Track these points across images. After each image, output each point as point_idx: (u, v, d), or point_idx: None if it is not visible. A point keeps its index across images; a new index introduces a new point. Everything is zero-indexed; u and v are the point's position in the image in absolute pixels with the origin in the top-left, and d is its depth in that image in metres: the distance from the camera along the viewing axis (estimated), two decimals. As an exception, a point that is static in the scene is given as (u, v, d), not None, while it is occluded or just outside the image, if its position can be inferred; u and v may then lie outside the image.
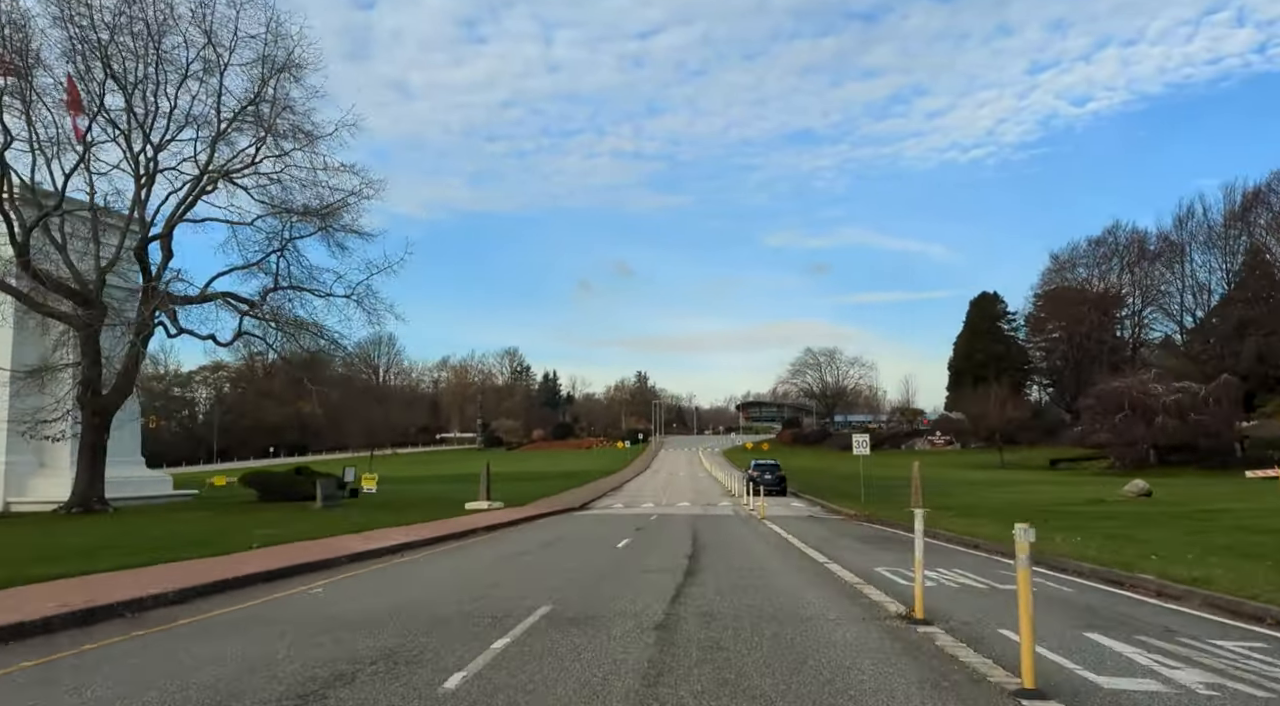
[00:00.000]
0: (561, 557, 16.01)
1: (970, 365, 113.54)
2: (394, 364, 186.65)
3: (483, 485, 37.73)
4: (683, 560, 15.21)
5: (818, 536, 21.41)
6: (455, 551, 17.72)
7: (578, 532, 23.32)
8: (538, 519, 29.97)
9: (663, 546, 18.54)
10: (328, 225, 41.52)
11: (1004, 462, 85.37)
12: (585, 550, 17.70)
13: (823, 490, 48.01)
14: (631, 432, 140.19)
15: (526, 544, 19.58)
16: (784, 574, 13.28)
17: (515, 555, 16.65)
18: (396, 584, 12.17)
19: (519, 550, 17.84)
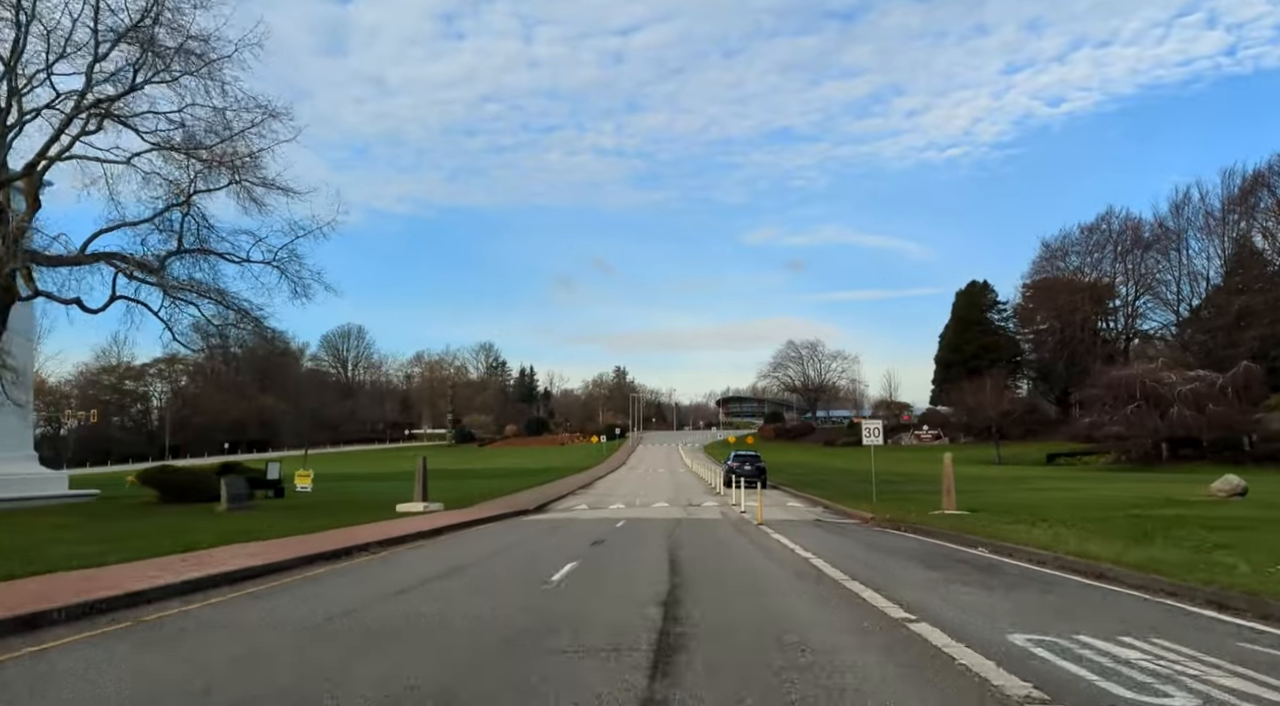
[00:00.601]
0: (443, 608, 9.32)
1: (959, 357, 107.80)
2: (363, 358, 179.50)
3: (418, 484, 31.05)
4: (651, 613, 8.64)
5: (852, 556, 14.86)
6: (278, 591, 11.01)
7: (508, 551, 16.69)
8: (474, 526, 23.33)
9: (622, 578, 11.97)
10: (241, 177, 34.71)
11: (1000, 458, 79.48)
12: (492, 590, 11.04)
13: (818, 486, 41.64)
14: (609, 428, 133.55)
15: (418, 573, 12.89)
16: (854, 658, 6.71)
17: (367, 604, 9.97)
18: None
19: (392, 588, 11.20)
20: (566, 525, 22.79)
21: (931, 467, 72.31)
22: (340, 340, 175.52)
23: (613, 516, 26.31)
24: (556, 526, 22.30)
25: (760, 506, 24.02)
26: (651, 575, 11.99)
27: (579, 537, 18.70)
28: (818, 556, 14.52)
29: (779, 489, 42.12)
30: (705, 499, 35.87)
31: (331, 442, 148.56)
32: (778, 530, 20.73)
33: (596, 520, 24.81)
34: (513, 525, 23.70)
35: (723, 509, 30.03)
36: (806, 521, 24.70)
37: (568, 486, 46.18)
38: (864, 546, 16.78)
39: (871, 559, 14.43)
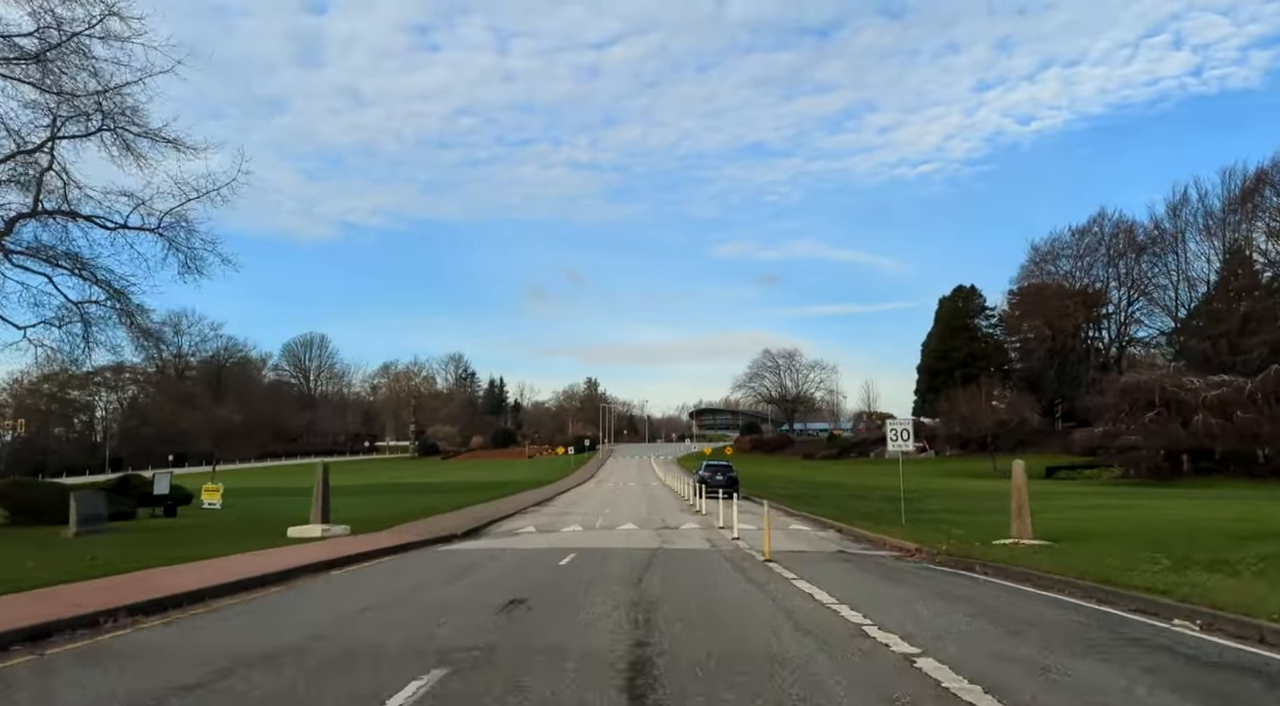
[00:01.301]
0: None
1: (946, 365, 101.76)
2: (325, 368, 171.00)
3: (317, 503, 23.91)
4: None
5: (973, 642, 7.93)
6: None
7: (352, 623, 9.60)
8: (365, 560, 16.25)
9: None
10: (115, 123, 27.64)
11: (997, 471, 73.12)
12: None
13: (815, 503, 34.85)
14: (578, 440, 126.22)
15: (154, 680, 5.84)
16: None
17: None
18: None
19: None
20: (489, 562, 15.73)
21: (932, 482, 65.88)
22: (302, 349, 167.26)
23: (563, 545, 19.27)
24: (474, 564, 15.22)
25: (768, 535, 16.92)
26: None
27: (493, 588, 11.68)
28: (908, 640, 7.62)
29: (773, 507, 35.23)
30: (684, 519, 28.88)
31: (288, 455, 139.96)
32: (798, 571, 13.85)
33: (537, 552, 17.76)
34: (417, 560, 16.60)
35: (708, 533, 23.08)
36: (827, 554, 17.84)
37: (522, 502, 39.07)
38: (967, 612, 9.85)
39: (1010, 648, 7.52)
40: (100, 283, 27.75)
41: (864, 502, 37.25)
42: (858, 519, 26.12)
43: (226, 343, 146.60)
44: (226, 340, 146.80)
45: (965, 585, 12.51)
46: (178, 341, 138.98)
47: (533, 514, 32.61)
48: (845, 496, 42.12)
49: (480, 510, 33.03)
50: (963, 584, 12.67)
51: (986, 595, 11.36)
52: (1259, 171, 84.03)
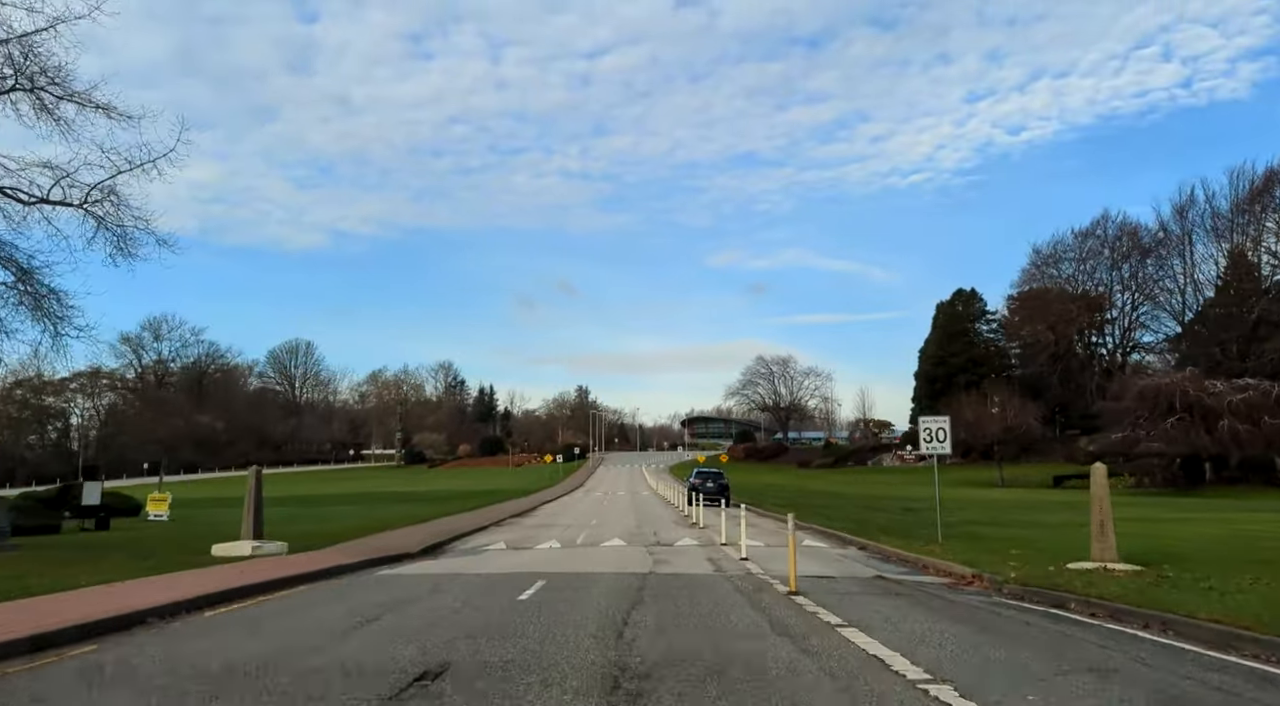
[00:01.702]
0: None
1: (945, 370, 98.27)
2: (311, 375, 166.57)
3: (248, 515, 20.07)
4: None
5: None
6: None
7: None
8: (286, 588, 12.42)
9: None
10: (34, 83, 23.77)
11: (1004, 480, 69.55)
12: None
13: (824, 516, 31.10)
14: (567, 448, 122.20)
15: None
16: None
17: None
18: None
19: None
20: (428, 595, 11.86)
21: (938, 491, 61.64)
22: (287, 356, 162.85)
23: (532, 568, 15.44)
24: (404, 599, 11.32)
25: (793, 561, 13.03)
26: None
27: (410, 641, 7.84)
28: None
29: (777, 519, 31.52)
30: (679, 533, 25.04)
31: (270, 464, 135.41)
32: (838, 610, 10.08)
33: (495, 579, 13.91)
34: (337, 591, 12.71)
35: (709, 551, 19.27)
36: (863, 582, 14.06)
37: (500, 514, 35.21)
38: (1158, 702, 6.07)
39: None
40: (6, 261, 23.85)
41: (878, 514, 33.52)
42: (879, 533, 22.37)
43: (208, 348, 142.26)
44: (208, 346, 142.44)
45: (1089, 638, 8.71)
46: (157, 346, 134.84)
47: (509, 527, 28.73)
48: (855, 507, 38.39)
49: (450, 523, 29.14)
50: (1082, 635, 8.87)
51: (1149, 660, 7.56)
52: (1269, 171, 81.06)
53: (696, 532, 24.91)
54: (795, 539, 22.82)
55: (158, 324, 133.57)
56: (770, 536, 23.18)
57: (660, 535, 23.96)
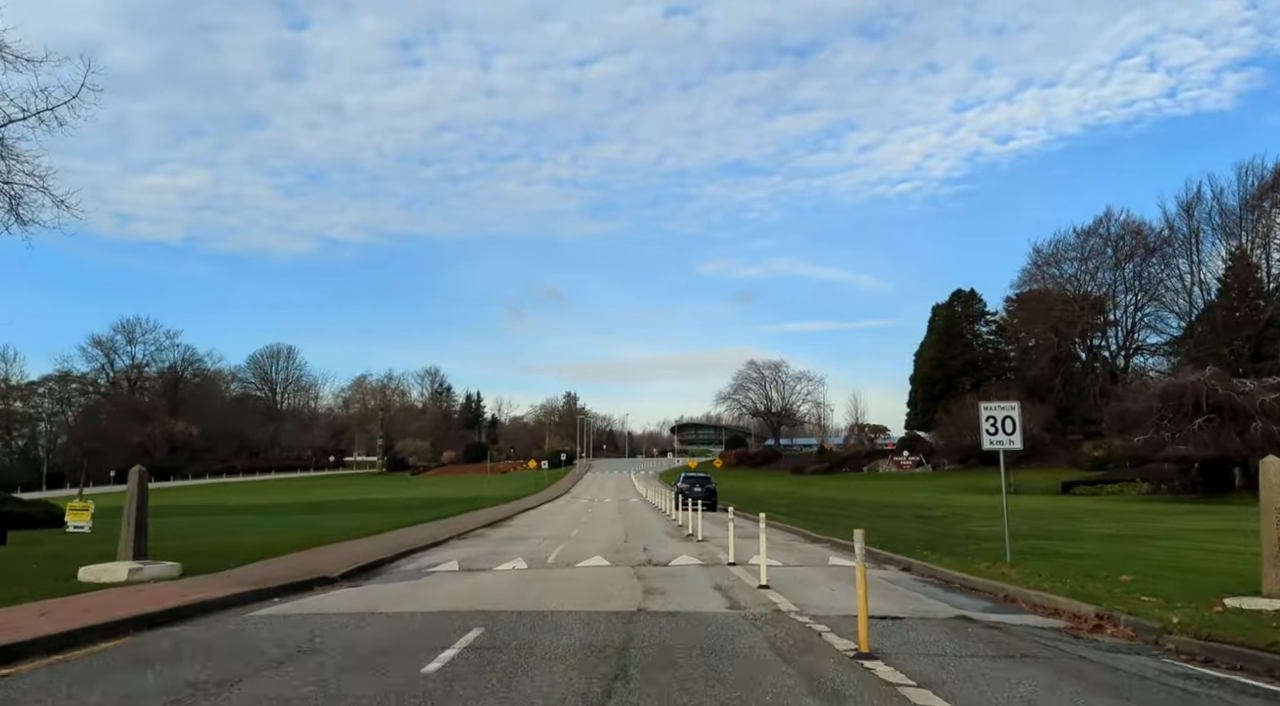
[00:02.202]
0: None
1: (944, 373, 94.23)
2: (293, 381, 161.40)
3: (126, 530, 15.65)
4: None
5: None
6: None
7: None
8: (75, 648, 8.03)
9: None
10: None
11: (1014, 487, 65.31)
12: None
13: (839, 526, 26.81)
14: (554, 454, 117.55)
15: None
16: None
17: None
18: None
19: None
20: (288, 659, 7.43)
21: (952, 499, 57.71)
22: (269, 361, 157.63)
23: (471, 606, 10.98)
24: (237, 674, 6.94)
25: (863, 611, 8.49)
26: None
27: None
28: None
29: (784, 529, 27.22)
30: (674, 549, 20.64)
31: (246, 471, 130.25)
32: (960, 700, 5.73)
33: (409, 628, 9.41)
34: (170, 647, 8.30)
35: (714, 575, 14.90)
36: (949, 625, 9.66)
37: (469, 524, 30.73)
38: None
39: None
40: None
41: (896, 523, 29.25)
42: (921, 549, 18.07)
43: (185, 352, 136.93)
44: (185, 349, 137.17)
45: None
46: (130, 350, 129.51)
47: (473, 540, 24.26)
48: (867, 515, 34.07)
49: (405, 535, 24.67)
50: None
51: None
52: (1279, 167, 77.61)
53: (695, 547, 20.52)
54: (814, 553, 18.47)
55: (131, 326, 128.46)
56: (785, 552, 18.85)
57: (652, 551, 19.57)
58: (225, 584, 13.23)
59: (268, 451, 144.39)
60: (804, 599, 11.55)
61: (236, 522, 32.57)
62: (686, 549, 20.04)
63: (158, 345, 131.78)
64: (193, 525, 31.16)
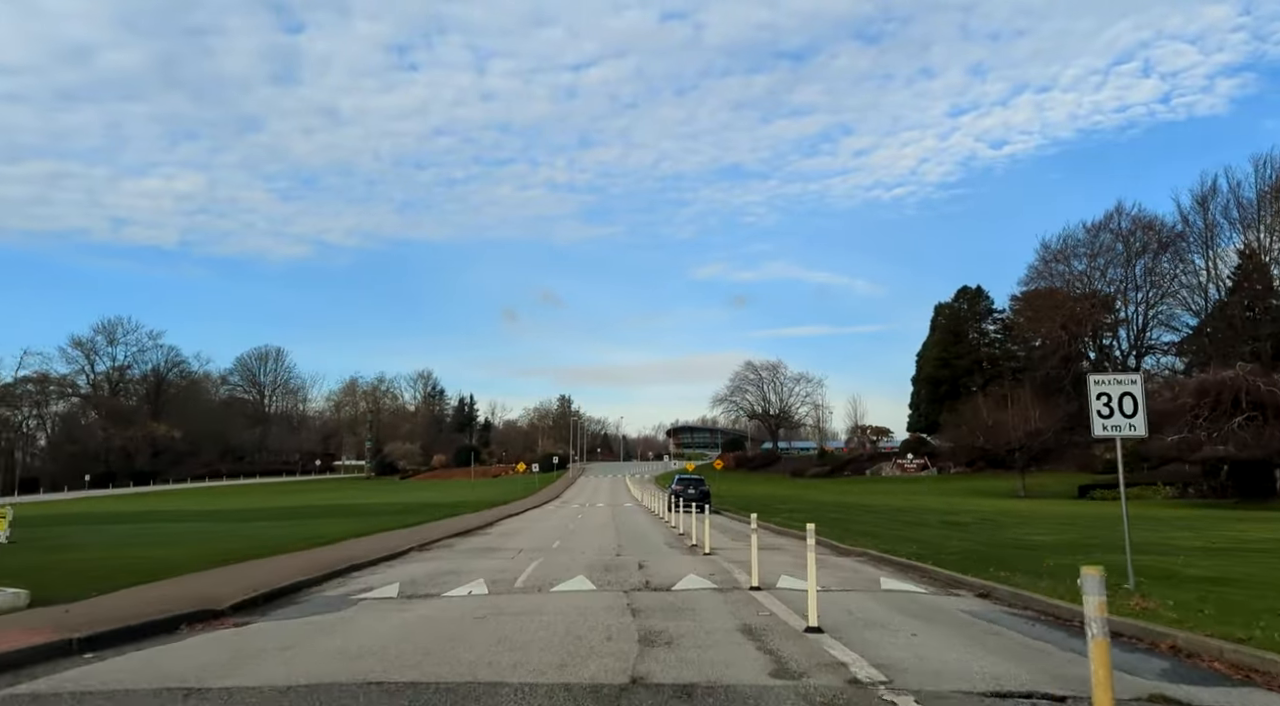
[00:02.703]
0: None
1: (950, 373, 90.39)
2: (281, 383, 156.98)
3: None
4: None
5: None
6: None
7: None
8: None
9: None
10: None
11: (1026, 490, 61.53)
12: None
13: (861, 534, 22.95)
14: (546, 457, 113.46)
15: None
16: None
17: None
18: None
19: None
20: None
21: (973, 503, 53.57)
22: (257, 363, 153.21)
23: (366, 673, 7.04)
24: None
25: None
26: None
27: None
28: None
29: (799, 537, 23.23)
30: (677, 565, 16.67)
31: (230, 475, 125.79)
32: None
33: None
34: None
35: (737, 607, 10.89)
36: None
37: (438, 532, 26.70)
38: None
39: None
40: None
41: (927, 531, 25.32)
42: (990, 567, 14.12)
43: (168, 353, 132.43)
44: (168, 351, 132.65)
45: None
46: (111, 351, 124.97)
47: (435, 553, 20.24)
48: (890, 522, 30.12)
49: (357, 546, 20.67)
50: None
51: None
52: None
53: (704, 563, 16.56)
54: (851, 570, 14.52)
55: (112, 327, 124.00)
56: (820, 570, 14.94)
57: (650, 568, 15.62)
58: (48, 625, 9.25)
59: (254, 455, 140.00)
60: (880, 653, 7.61)
61: (174, 532, 28.52)
62: (693, 565, 16.08)
63: (140, 346, 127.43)
64: (121, 535, 27.09)
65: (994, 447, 60.60)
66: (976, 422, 62.04)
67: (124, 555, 18.09)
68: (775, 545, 21.53)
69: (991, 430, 60.51)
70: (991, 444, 60.46)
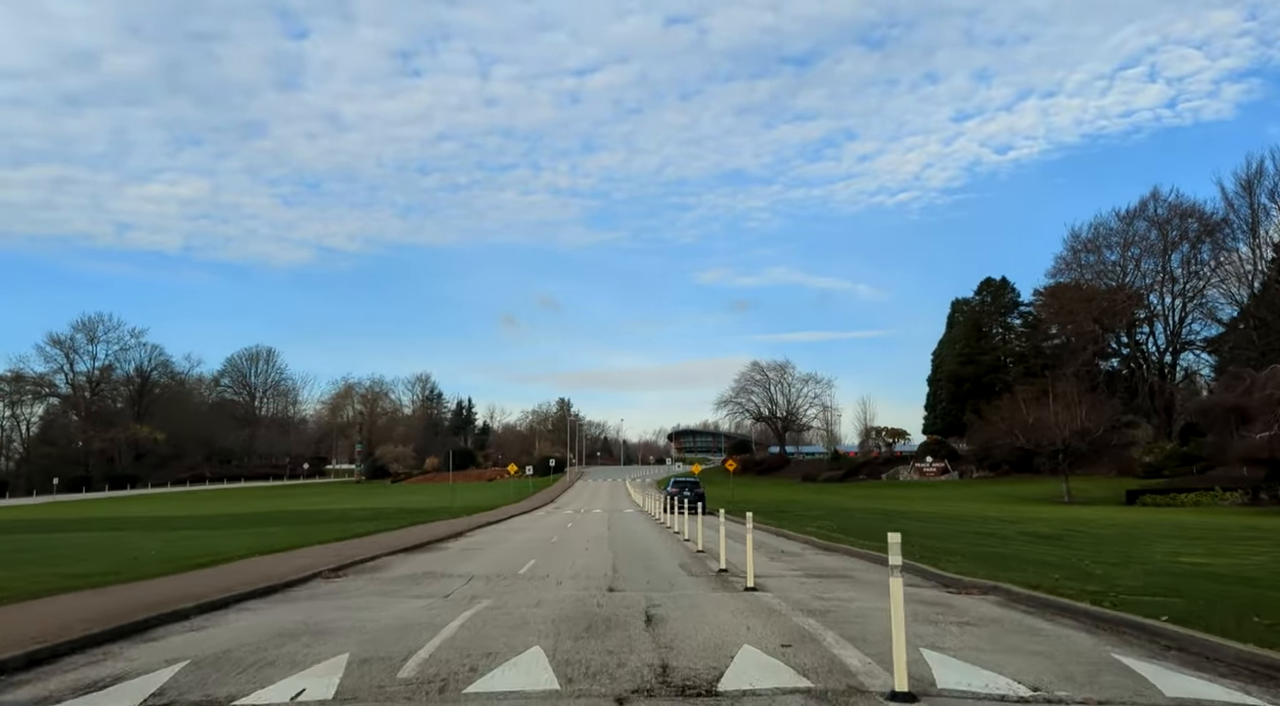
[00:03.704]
0: None
1: (975, 370, 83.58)
2: (272, 385, 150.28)
3: None
4: None
5: None
6: None
7: None
8: None
9: None
10: None
11: (1070, 495, 54.70)
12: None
13: (920, 546, 16.27)
14: (543, 460, 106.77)
15: None
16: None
17: None
18: None
19: None
20: None
21: (1006, 509, 46.71)
22: (247, 363, 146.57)
23: None
24: None
25: None
26: None
27: None
28: None
29: (867, 556, 16.51)
30: (713, 616, 9.97)
31: (214, 479, 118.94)
32: None
33: None
34: None
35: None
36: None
37: (384, 545, 20.01)
38: None
39: None
40: None
41: (1034, 547, 18.58)
42: (1201, 603, 7.38)
43: (152, 352, 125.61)
44: (151, 349, 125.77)
45: None
46: (92, 349, 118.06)
47: (334, 588, 13.49)
48: (971, 535, 23.31)
49: (232, 574, 14.05)
50: None
51: None
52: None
53: (750, 610, 9.87)
54: (1071, 642, 7.81)
55: (92, 325, 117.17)
56: (977, 634, 8.25)
57: (666, 621, 8.96)
58: None
59: (242, 459, 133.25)
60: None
61: (48, 545, 21.90)
62: (738, 616, 9.39)
63: (121, 344, 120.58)
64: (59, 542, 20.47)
65: (1037, 448, 53.88)
66: (1015, 421, 55.38)
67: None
68: (837, 571, 14.90)
69: (1032, 429, 53.89)
70: (1033, 443, 53.82)
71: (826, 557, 17.60)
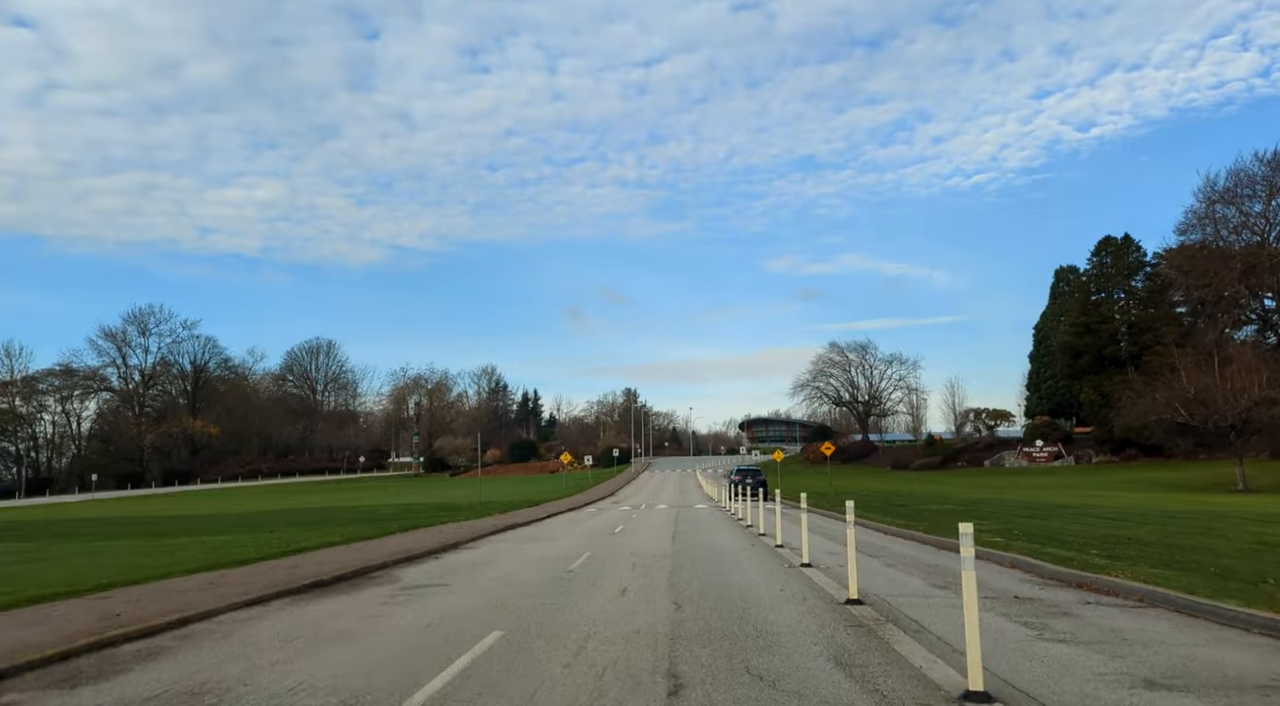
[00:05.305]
0: None
1: (1093, 343, 72.46)
2: (334, 378, 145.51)
3: None
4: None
5: None
6: None
7: None
8: None
9: None
10: None
11: (1245, 482, 44.11)
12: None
13: (1162, 561, 7.12)
14: (606, 451, 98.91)
15: None
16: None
17: None
18: None
19: None
20: None
21: (1163, 499, 36.63)
22: (308, 357, 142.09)
23: None
24: None
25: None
26: None
27: None
28: None
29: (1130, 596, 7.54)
30: None
31: (267, 474, 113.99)
32: None
33: None
34: None
35: None
36: None
37: (377, 555, 11.89)
38: None
39: None
40: None
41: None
42: None
43: (205, 345, 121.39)
44: (205, 342, 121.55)
45: None
46: (144, 342, 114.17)
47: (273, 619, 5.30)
48: (1162, 543, 14.09)
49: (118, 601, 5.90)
50: None
51: None
52: None
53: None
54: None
55: (143, 317, 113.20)
56: None
57: None
58: None
59: (300, 453, 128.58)
60: None
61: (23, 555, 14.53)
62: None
63: (174, 337, 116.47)
64: None
65: (1202, 421, 43.39)
66: (1173, 393, 44.96)
67: None
68: (1067, 608, 5.95)
69: (1192, 402, 43.56)
70: (1198, 419, 43.44)
71: (1025, 582, 8.74)
